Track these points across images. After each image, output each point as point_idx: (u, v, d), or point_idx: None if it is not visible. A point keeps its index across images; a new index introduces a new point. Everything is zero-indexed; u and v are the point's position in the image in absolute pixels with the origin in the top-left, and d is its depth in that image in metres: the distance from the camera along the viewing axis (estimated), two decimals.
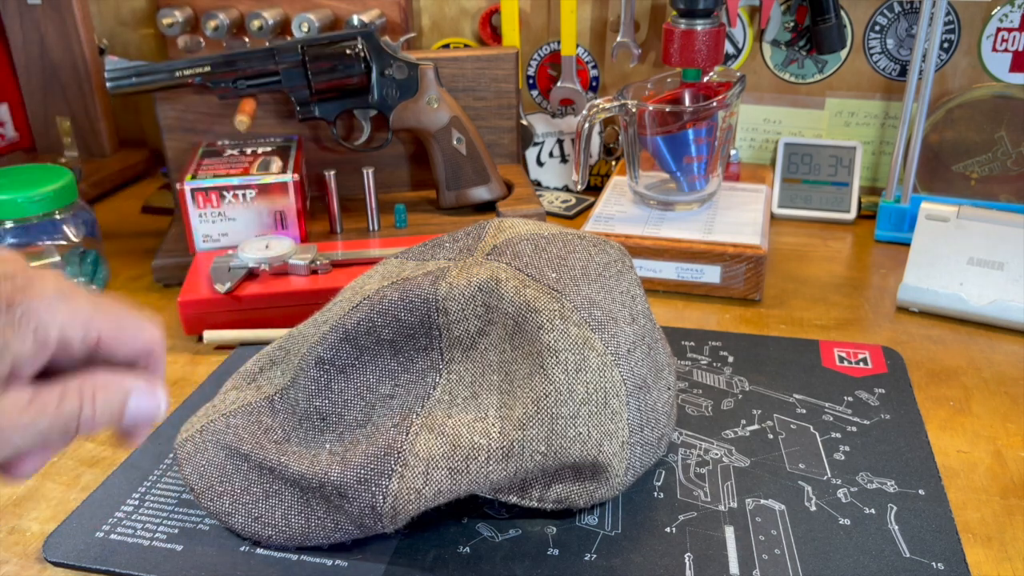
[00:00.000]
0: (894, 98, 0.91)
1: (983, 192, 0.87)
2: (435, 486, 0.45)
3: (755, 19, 0.92)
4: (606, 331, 0.47)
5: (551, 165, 1.01)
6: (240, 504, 0.48)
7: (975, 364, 0.65)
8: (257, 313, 0.69)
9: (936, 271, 0.71)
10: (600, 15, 0.96)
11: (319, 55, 0.79)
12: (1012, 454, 0.55)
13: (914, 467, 0.53)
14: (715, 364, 0.64)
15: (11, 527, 0.50)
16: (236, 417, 0.51)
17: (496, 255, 0.50)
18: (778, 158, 0.92)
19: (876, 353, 0.65)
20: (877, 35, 0.89)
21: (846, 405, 0.59)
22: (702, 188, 0.81)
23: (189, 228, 0.77)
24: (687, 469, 0.53)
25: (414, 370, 0.49)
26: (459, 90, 0.88)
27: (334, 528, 0.46)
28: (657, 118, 0.77)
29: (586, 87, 0.99)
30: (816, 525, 0.48)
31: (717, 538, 0.48)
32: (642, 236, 0.76)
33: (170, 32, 0.93)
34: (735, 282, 0.74)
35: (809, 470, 0.53)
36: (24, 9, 0.99)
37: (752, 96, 0.94)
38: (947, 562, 0.45)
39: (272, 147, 0.83)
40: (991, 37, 0.86)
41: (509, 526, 0.49)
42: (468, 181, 0.85)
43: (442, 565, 0.46)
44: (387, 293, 0.49)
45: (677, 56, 0.79)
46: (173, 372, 0.66)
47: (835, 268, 0.80)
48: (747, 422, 0.57)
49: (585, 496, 0.48)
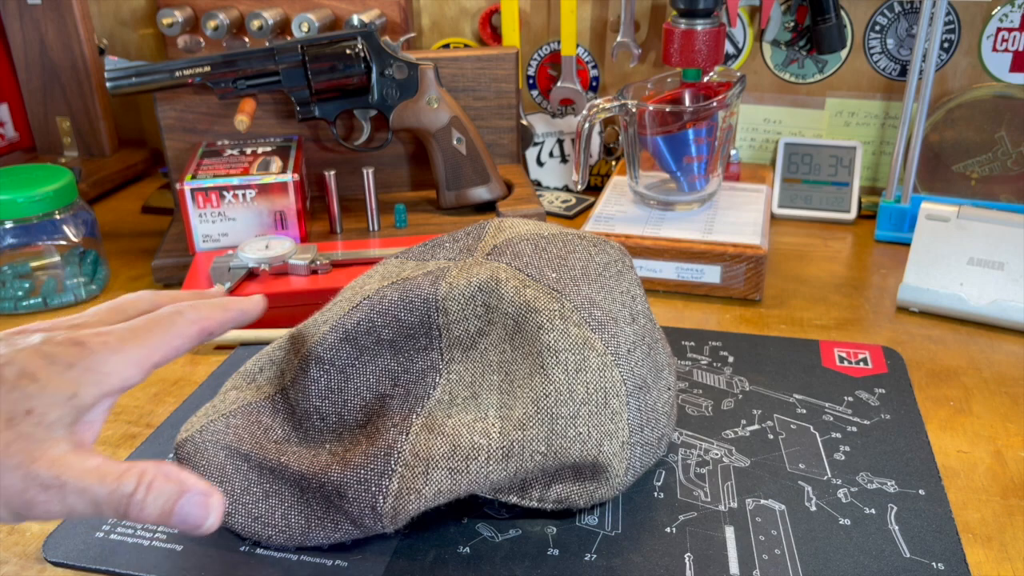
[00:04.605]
0: (894, 98, 0.91)
1: (983, 192, 0.87)
2: (435, 486, 0.45)
3: (755, 19, 0.92)
4: (606, 331, 0.47)
5: (551, 165, 1.01)
6: (240, 504, 0.48)
7: (975, 364, 0.65)
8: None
9: (936, 271, 0.71)
10: (600, 15, 0.96)
11: (319, 55, 0.79)
12: (1012, 454, 0.55)
13: (914, 467, 0.53)
14: (715, 364, 0.64)
15: (11, 527, 0.50)
16: (236, 417, 0.51)
17: (496, 255, 0.50)
18: (778, 158, 0.92)
19: (876, 353, 0.65)
20: (877, 35, 0.89)
21: (846, 405, 0.59)
22: (702, 188, 0.81)
23: (189, 228, 0.77)
24: (687, 469, 0.53)
25: (414, 370, 0.49)
26: (459, 90, 0.88)
27: (334, 528, 0.46)
28: (657, 118, 0.77)
29: (586, 87, 0.99)
30: (816, 525, 0.48)
31: (717, 538, 0.47)
32: (642, 236, 0.76)
33: (170, 32, 0.93)
34: (735, 282, 0.74)
35: (809, 470, 0.53)
36: (24, 9, 0.99)
37: (752, 96, 0.94)
38: (947, 562, 0.45)
39: (272, 147, 0.83)
40: (991, 37, 0.86)
41: (509, 526, 0.49)
42: (468, 181, 0.85)
43: (442, 565, 0.46)
44: (387, 293, 0.49)
45: (677, 56, 0.79)
46: (173, 372, 0.66)
47: (835, 268, 0.80)
48: (747, 422, 0.57)
49: (585, 496, 0.48)
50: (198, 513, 0.38)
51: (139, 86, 0.79)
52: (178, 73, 0.78)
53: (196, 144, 0.85)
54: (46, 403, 0.35)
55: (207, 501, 0.38)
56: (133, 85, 0.79)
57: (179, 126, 0.86)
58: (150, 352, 0.40)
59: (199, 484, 0.38)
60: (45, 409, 0.35)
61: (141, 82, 0.79)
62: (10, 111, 1.04)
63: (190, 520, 0.38)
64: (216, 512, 0.38)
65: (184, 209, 0.76)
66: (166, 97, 0.85)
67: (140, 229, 0.93)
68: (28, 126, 1.05)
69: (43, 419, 0.35)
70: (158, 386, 0.64)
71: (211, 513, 0.38)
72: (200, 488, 0.38)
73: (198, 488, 0.38)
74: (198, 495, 0.38)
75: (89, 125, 1.04)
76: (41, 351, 0.37)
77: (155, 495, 0.37)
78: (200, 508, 0.38)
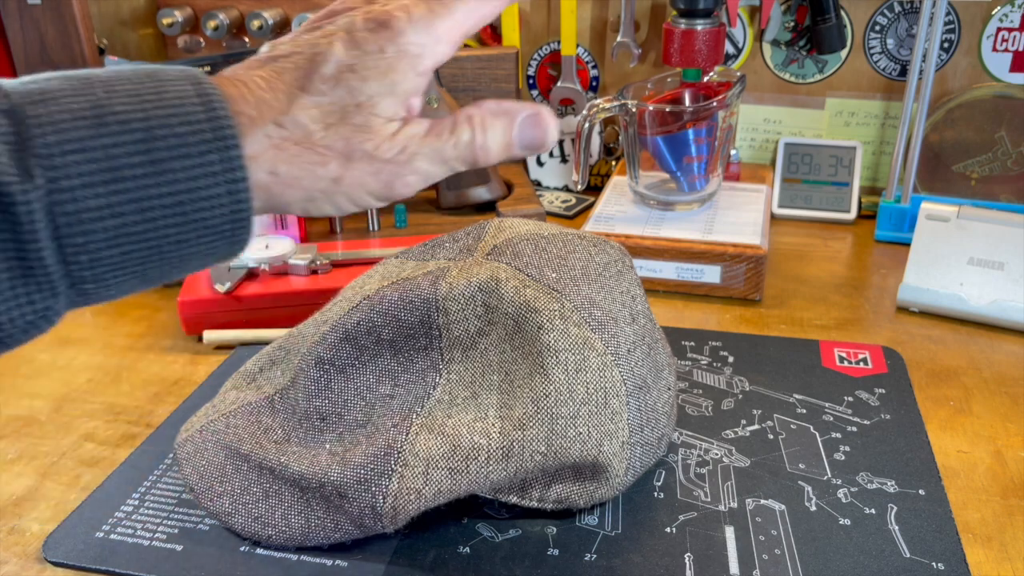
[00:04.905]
0: (894, 98, 0.91)
1: (983, 192, 0.87)
2: (435, 486, 0.45)
3: (755, 19, 0.92)
4: (606, 331, 0.47)
5: (551, 165, 1.01)
6: (240, 504, 0.48)
7: (975, 364, 0.65)
8: (257, 313, 0.69)
9: (936, 271, 0.71)
10: (600, 15, 0.96)
11: None
12: (1012, 454, 0.55)
13: (914, 467, 0.53)
14: (715, 364, 0.64)
15: (11, 527, 0.50)
16: (236, 417, 0.51)
17: (496, 255, 0.50)
18: (778, 158, 0.92)
19: (876, 353, 0.65)
20: (877, 35, 0.89)
21: (846, 405, 0.59)
22: (702, 188, 0.81)
23: None
24: (687, 469, 0.53)
25: (414, 370, 0.49)
26: (459, 90, 0.88)
27: (334, 528, 0.46)
28: (657, 118, 0.77)
29: (586, 87, 0.99)
30: (816, 525, 0.48)
31: (717, 538, 0.48)
32: (642, 236, 0.76)
33: (170, 32, 0.93)
34: (735, 282, 0.74)
35: (809, 470, 0.53)
36: (24, 9, 0.99)
37: (752, 96, 0.94)
38: (947, 562, 0.45)
39: None
40: (991, 37, 0.86)
41: (509, 526, 0.49)
42: (468, 181, 0.85)
43: (442, 565, 0.46)
44: (387, 293, 0.49)
45: (677, 56, 0.79)
46: (173, 372, 0.66)
47: (835, 268, 0.80)
48: (747, 422, 0.57)
49: (585, 496, 0.48)
50: (535, 133, 0.39)
51: None
52: None
53: None
54: (370, 93, 0.36)
55: (538, 119, 0.39)
56: None
57: None
58: (458, 23, 0.38)
59: (523, 106, 0.39)
60: (372, 100, 0.36)
61: None
62: None
63: (532, 142, 0.39)
64: (552, 125, 0.39)
65: None
66: None
67: None
68: None
69: (373, 108, 0.36)
70: (158, 386, 0.64)
71: (548, 128, 0.39)
72: (527, 109, 0.39)
73: (525, 110, 0.39)
74: (529, 116, 0.39)
75: None
76: (352, 40, 0.36)
77: (492, 133, 0.38)
78: (536, 128, 0.39)
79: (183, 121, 0.31)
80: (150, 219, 0.31)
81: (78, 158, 0.29)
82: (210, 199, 0.32)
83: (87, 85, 0.31)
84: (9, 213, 0.28)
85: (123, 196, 0.30)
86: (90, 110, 0.30)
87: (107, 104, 0.31)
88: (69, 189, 0.29)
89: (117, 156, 0.30)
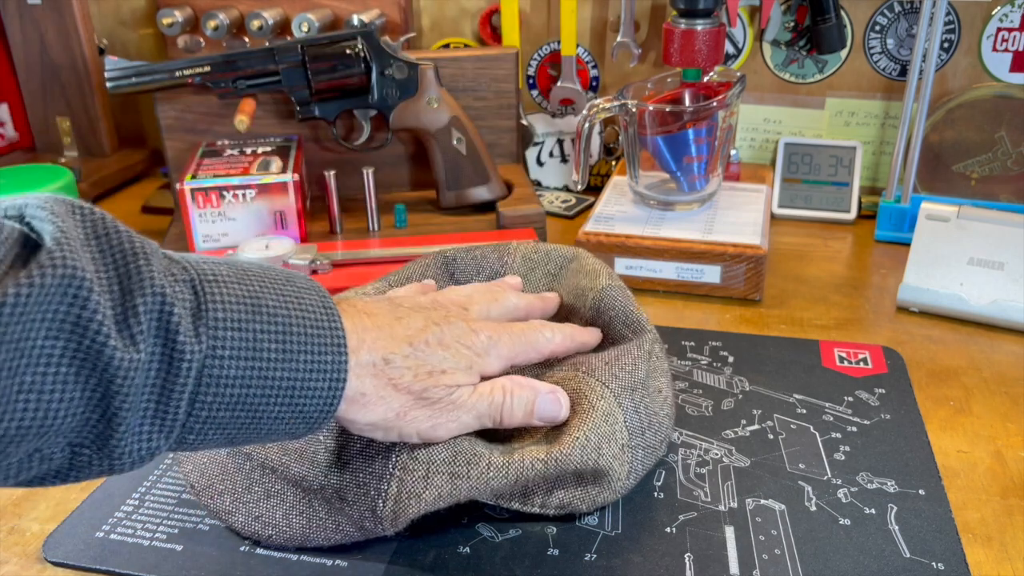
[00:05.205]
0: (894, 98, 0.91)
1: (983, 192, 0.87)
2: (435, 490, 0.45)
3: (755, 19, 0.92)
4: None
5: (551, 165, 1.01)
6: (241, 503, 0.48)
7: (975, 364, 0.65)
8: None
9: (936, 271, 0.71)
10: (600, 15, 0.96)
11: (319, 55, 0.79)
12: (1012, 454, 0.55)
13: (914, 467, 0.53)
14: (715, 364, 0.64)
15: (11, 527, 0.50)
16: None
17: None
18: (778, 158, 0.92)
19: (876, 353, 0.65)
20: (877, 35, 0.89)
21: (846, 405, 0.59)
22: (702, 188, 0.81)
23: (189, 228, 0.77)
24: (687, 469, 0.53)
25: None
26: (459, 90, 0.88)
27: (335, 529, 0.46)
28: (657, 118, 0.77)
29: (586, 87, 0.99)
30: (816, 525, 0.48)
31: (717, 538, 0.47)
32: (642, 236, 0.76)
33: (170, 32, 0.93)
34: (735, 282, 0.74)
35: (809, 470, 0.53)
36: (24, 9, 0.99)
37: (752, 96, 0.94)
38: (947, 562, 0.45)
39: (272, 147, 0.83)
40: (991, 37, 0.86)
41: (509, 526, 0.49)
42: (468, 181, 0.85)
43: (442, 565, 0.46)
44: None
45: (677, 56, 0.79)
46: None
47: (835, 268, 0.80)
48: (747, 422, 0.57)
49: (588, 501, 0.48)
50: (552, 408, 0.47)
51: (139, 86, 0.79)
52: (178, 73, 0.78)
53: (196, 144, 0.85)
54: (451, 366, 0.44)
55: (556, 398, 0.47)
56: (133, 85, 0.79)
57: (179, 126, 0.86)
58: (515, 357, 0.47)
59: (545, 386, 0.47)
60: (453, 373, 0.44)
61: (141, 82, 0.79)
62: (10, 111, 1.04)
63: (547, 415, 0.47)
64: (566, 406, 0.47)
65: (184, 209, 0.76)
66: (166, 97, 0.85)
67: (140, 229, 0.91)
68: (28, 126, 1.05)
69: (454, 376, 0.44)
70: None
71: (563, 407, 0.47)
72: (547, 388, 0.47)
73: (545, 388, 0.47)
74: (549, 394, 0.47)
75: (89, 125, 1.03)
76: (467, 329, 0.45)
77: (517, 400, 0.46)
78: (553, 404, 0.47)
79: (313, 324, 0.38)
80: (267, 395, 0.37)
81: (235, 334, 0.35)
82: (314, 390, 0.38)
83: (244, 276, 0.38)
84: (175, 364, 0.34)
85: (255, 372, 0.36)
86: (249, 299, 0.37)
87: (261, 297, 0.37)
88: (221, 356, 0.35)
89: (261, 339, 0.36)
